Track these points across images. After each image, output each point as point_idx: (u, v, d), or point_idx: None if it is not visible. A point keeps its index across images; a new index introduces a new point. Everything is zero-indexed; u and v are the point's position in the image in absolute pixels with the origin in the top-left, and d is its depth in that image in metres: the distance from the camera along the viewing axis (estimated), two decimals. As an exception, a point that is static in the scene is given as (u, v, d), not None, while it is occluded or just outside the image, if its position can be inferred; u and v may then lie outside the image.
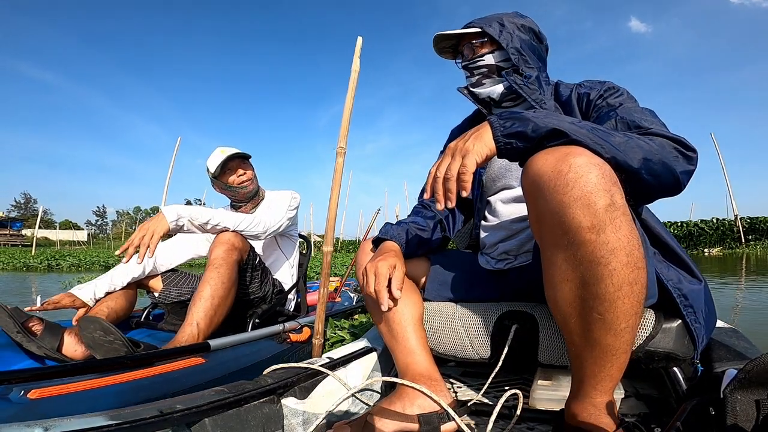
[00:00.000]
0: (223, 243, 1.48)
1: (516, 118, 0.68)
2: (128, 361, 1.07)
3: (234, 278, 1.47)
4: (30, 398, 0.83)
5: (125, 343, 1.18)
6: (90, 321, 1.19)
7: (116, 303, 1.60)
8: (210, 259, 1.46)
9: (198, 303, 1.37)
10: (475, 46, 1.04)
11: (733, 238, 13.95)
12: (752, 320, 2.83)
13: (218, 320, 1.41)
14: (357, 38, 1.37)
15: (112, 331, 1.18)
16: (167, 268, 1.80)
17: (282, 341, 1.54)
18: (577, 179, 0.57)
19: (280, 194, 1.88)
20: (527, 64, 1.01)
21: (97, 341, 1.17)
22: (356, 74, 1.35)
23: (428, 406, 0.78)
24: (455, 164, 0.66)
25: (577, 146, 0.62)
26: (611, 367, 0.63)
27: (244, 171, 1.80)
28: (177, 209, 1.44)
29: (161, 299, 1.74)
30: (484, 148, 0.67)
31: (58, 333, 1.31)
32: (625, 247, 0.57)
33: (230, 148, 1.80)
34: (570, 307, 0.62)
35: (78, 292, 1.58)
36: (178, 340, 1.31)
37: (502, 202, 1.04)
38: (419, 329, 0.92)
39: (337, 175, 1.34)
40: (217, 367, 1.22)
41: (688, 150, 0.70)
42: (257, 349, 1.44)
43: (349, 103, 1.35)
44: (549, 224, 0.61)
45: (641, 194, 0.70)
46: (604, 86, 0.93)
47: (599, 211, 0.56)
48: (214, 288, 1.39)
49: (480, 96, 1.07)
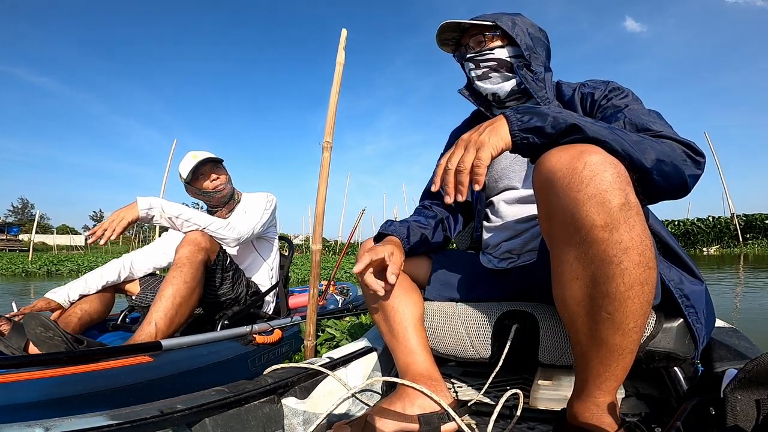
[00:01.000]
0: (189, 243, 1.47)
1: (534, 113, 0.67)
2: (63, 356, 1.08)
3: (199, 278, 1.45)
4: None
5: (65, 340, 1.20)
6: (32, 317, 1.21)
7: (90, 306, 1.61)
8: (175, 259, 1.46)
9: (158, 302, 1.36)
10: (487, 38, 1.02)
11: (730, 236, 13.98)
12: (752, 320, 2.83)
13: (180, 320, 1.40)
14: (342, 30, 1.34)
15: (51, 327, 1.19)
16: (144, 273, 1.79)
17: (247, 343, 1.53)
18: (592, 177, 0.57)
19: (256, 197, 1.87)
20: (537, 61, 1.00)
21: (39, 337, 1.19)
22: (341, 67, 1.33)
23: (428, 406, 0.78)
24: (469, 156, 0.65)
25: (591, 144, 0.61)
26: (616, 367, 0.63)
27: (217, 176, 1.80)
28: (151, 200, 1.45)
29: (138, 302, 1.73)
30: (500, 141, 0.66)
31: (24, 333, 1.31)
32: (638, 246, 0.57)
33: (202, 153, 1.79)
34: (578, 306, 0.62)
35: (52, 295, 1.58)
36: (135, 338, 1.31)
37: (506, 203, 1.03)
38: (420, 329, 0.92)
39: (324, 170, 1.32)
40: (165, 366, 1.22)
41: (697, 154, 0.71)
42: (216, 350, 1.42)
43: (334, 96, 1.33)
44: (560, 221, 0.61)
45: (649, 195, 0.69)
46: (608, 86, 0.92)
47: (613, 210, 0.56)
48: (176, 288, 1.38)
49: (484, 91, 1.04)
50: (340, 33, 1.32)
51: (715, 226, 14.55)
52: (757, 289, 4.57)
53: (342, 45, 1.33)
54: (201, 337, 1.42)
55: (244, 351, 1.50)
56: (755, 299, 3.82)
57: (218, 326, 1.57)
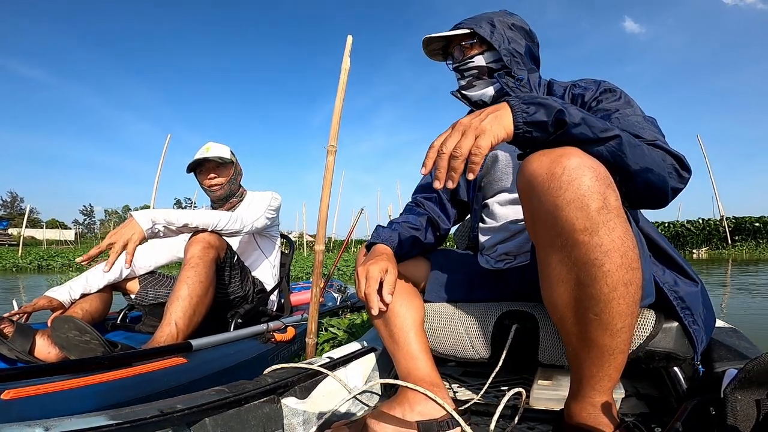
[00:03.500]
0: (198, 241, 1.45)
1: (540, 104, 0.64)
2: (106, 361, 1.04)
3: (212, 277, 1.44)
4: (3, 399, 0.81)
5: (102, 343, 1.16)
6: (64, 321, 1.16)
7: (91, 305, 1.58)
8: (186, 258, 1.43)
9: (176, 302, 1.34)
10: (465, 47, 1.02)
11: (719, 238, 14.17)
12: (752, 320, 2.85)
13: (197, 320, 1.38)
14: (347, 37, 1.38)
15: (88, 330, 1.15)
16: (145, 271, 1.78)
17: (266, 341, 1.52)
18: (570, 182, 0.57)
19: (261, 194, 1.88)
20: (519, 65, 0.99)
21: (72, 341, 1.14)
22: (346, 72, 1.36)
23: (428, 413, 0.76)
24: (467, 142, 0.60)
25: (571, 147, 0.61)
26: (609, 368, 0.63)
27: (215, 176, 1.80)
28: (150, 215, 1.37)
29: (138, 301, 1.72)
30: (501, 131, 0.62)
31: (30, 335, 1.28)
32: (619, 248, 0.57)
33: (218, 147, 1.80)
34: (566, 308, 0.62)
35: (54, 294, 1.56)
36: (157, 340, 1.28)
37: (500, 205, 1.04)
38: (420, 334, 0.90)
39: (328, 173, 1.35)
40: (200, 367, 1.20)
41: (684, 169, 0.71)
42: (240, 349, 1.41)
43: (339, 101, 1.36)
44: (543, 225, 0.61)
45: (628, 199, 0.69)
46: (599, 87, 0.91)
47: (592, 213, 0.56)
48: (191, 287, 1.36)
49: (472, 99, 1.05)
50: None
51: (704, 229, 14.75)
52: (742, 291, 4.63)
53: (347, 52, 1.36)
54: (225, 336, 1.41)
55: (264, 349, 1.49)
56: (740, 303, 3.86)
57: (231, 325, 1.56)
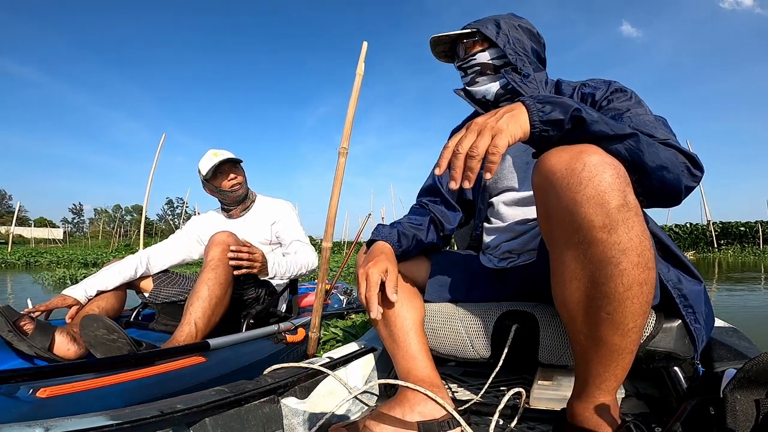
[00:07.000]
0: (219, 244, 1.49)
1: (555, 103, 0.64)
2: (132, 359, 1.07)
3: (230, 279, 1.48)
4: (39, 397, 0.82)
5: (129, 342, 1.19)
6: (93, 319, 1.19)
7: (107, 303, 1.58)
8: (206, 260, 1.48)
9: (196, 303, 1.38)
10: (467, 45, 1.04)
11: (706, 242, 14.45)
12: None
13: (215, 320, 1.42)
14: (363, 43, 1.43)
15: (115, 329, 1.18)
16: (161, 269, 1.79)
17: (278, 341, 1.55)
18: (591, 178, 0.57)
19: (278, 205, 1.94)
20: (525, 63, 1.00)
21: (99, 339, 1.18)
22: (360, 77, 1.41)
23: (429, 413, 0.75)
24: (483, 141, 0.60)
25: (591, 144, 0.61)
26: (616, 367, 0.63)
27: (235, 175, 1.83)
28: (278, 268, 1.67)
29: (152, 299, 1.72)
30: (518, 130, 0.63)
31: (49, 332, 1.30)
32: (637, 247, 0.57)
33: (222, 152, 1.83)
34: (577, 306, 0.62)
35: (70, 292, 1.55)
36: (176, 339, 1.31)
37: (505, 204, 1.03)
38: (420, 334, 0.89)
39: (339, 174, 1.38)
40: (218, 366, 1.22)
41: (696, 168, 0.72)
42: (255, 349, 1.44)
43: (352, 105, 1.39)
44: (560, 222, 0.61)
45: (644, 198, 0.69)
46: (610, 87, 0.91)
47: (612, 211, 0.56)
48: (211, 288, 1.41)
49: (476, 95, 1.06)
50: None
51: (692, 233, 15.03)
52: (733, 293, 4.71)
53: (362, 57, 1.42)
54: (241, 336, 1.44)
55: (276, 349, 1.51)
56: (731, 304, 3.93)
57: (243, 326, 1.58)
